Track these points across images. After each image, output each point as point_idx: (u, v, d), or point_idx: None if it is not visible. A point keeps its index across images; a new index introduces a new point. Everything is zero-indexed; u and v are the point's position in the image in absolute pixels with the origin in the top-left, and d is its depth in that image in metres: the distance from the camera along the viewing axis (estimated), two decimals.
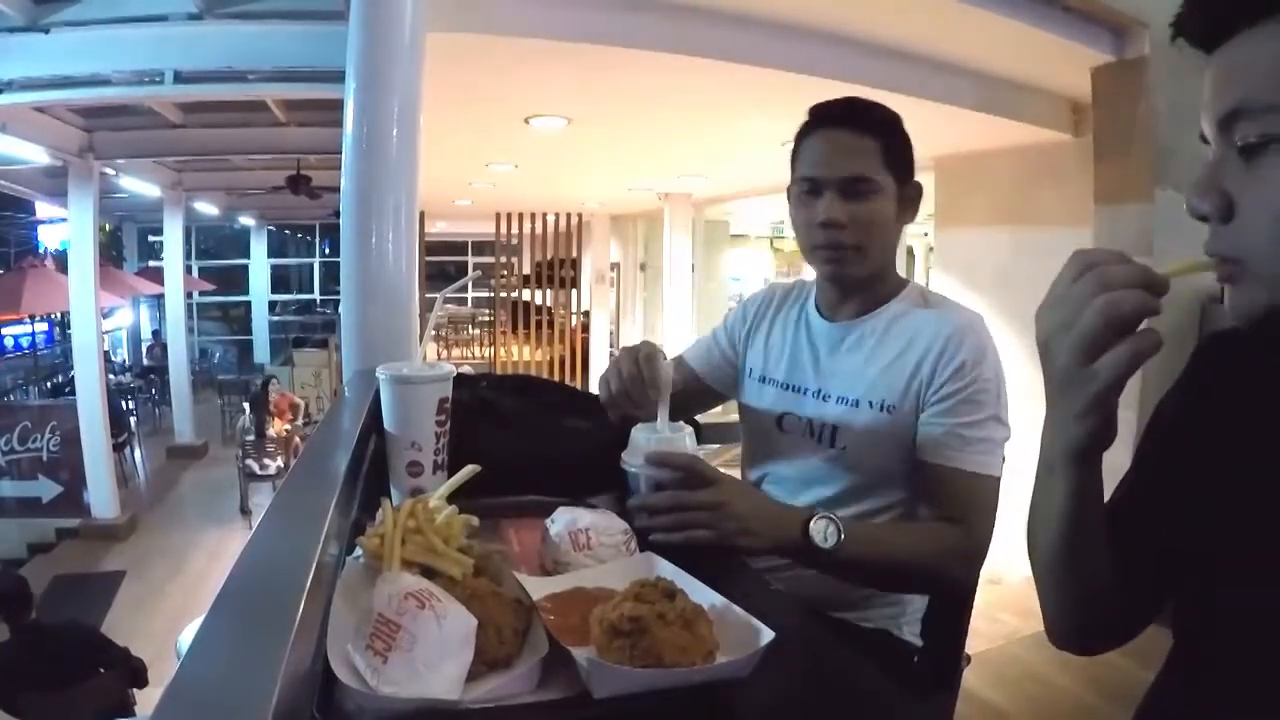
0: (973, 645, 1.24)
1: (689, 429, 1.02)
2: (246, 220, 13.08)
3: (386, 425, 0.96)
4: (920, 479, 1.08)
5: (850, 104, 1.12)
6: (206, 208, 10.48)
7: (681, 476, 0.92)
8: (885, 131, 1.11)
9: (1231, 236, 0.52)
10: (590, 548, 0.82)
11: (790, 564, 1.01)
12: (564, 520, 0.85)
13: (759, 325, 1.28)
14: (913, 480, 1.09)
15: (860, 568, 0.99)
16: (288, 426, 7.48)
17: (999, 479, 1.06)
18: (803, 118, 1.16)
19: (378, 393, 0.98)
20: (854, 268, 1.13)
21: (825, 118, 1.12)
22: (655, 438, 0.97)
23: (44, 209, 10.73)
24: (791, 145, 1.17)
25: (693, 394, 1.33)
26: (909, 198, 1.14)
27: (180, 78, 4.01)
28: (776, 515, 0.96)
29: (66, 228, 7.18)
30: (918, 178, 1.15)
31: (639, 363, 1.03)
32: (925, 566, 1.02)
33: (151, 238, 12.75)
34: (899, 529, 1.09)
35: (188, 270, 11.14)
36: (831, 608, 1.13)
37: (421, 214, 4.87)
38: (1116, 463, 0.65)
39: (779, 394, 1.21)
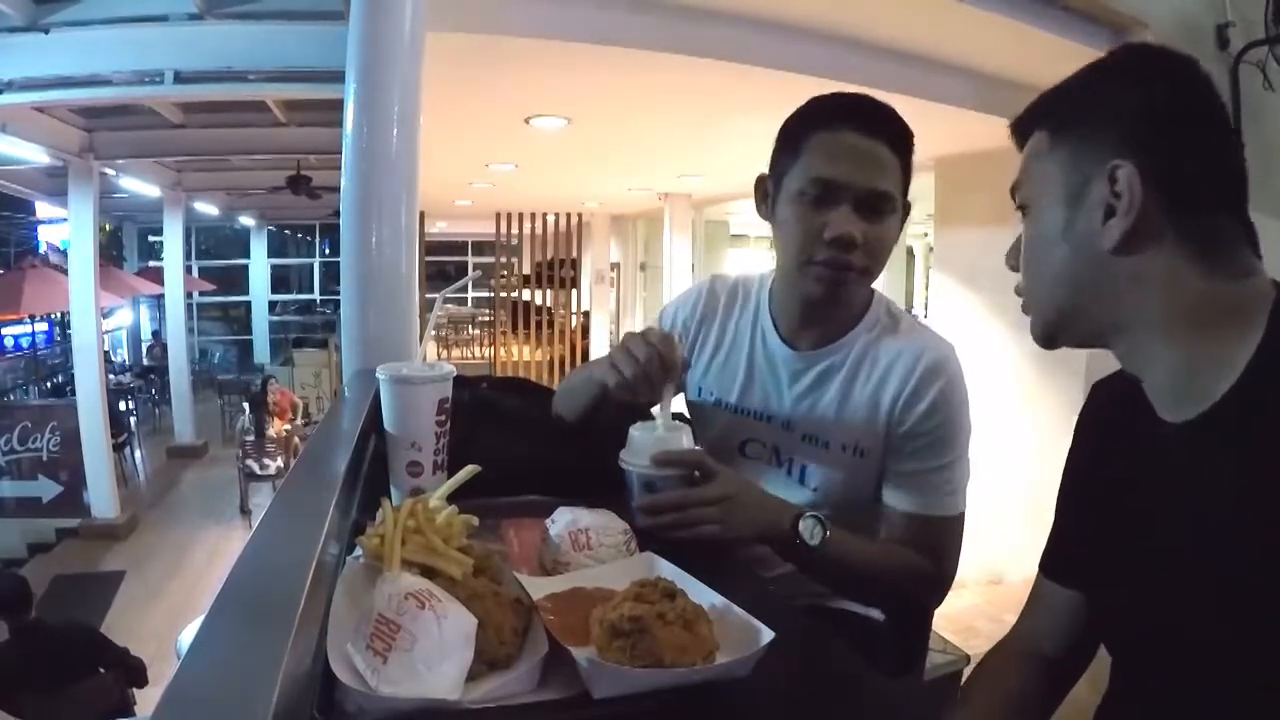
0: (973, 645, 1.24)
1: (687, 427, 1.01)
2: (246, 220, 13.07)
3: (386, 425, 0.96)
4: (888, 519, 1.06)
5: (877, 108, 1.00)
6: (206, 208, 10.48)
7: (686, 474, 0.92)
8: (906, 149, 1.01)
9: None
10: (590, 548, 0.82)
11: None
12: (564, 520, 0.85)
13: (705, 325, 1.18)
14: (879, 516, 1.08)
15: (835, 570, 0.99)
16: (287, 426, 7.47)
17: (964, 514, 1.06)
18: None
19: (378, 393, 0.98)
20: (851, 293, 1.04)
21: (851, 117, 0.98)
22: (654, 436, 0.97)
23: (44, 209, 10.71)
24: (790, 132, 1.03)
25: None
26: (905, 220, 1.07)
27: (180, 78, 4.02)
28: (774, 506, 0.97)
29: (66, 228, 7.17)
30: (917, 177, 1.13)
31: (658, 343, 0.94)
32: (895, 584, 1.04)
33: (151, 238, 12.74)
34: (878, 545, 1.06)
35: (188, 270, 11.14)
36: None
37: (421, 214, 4.87)
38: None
39: (737, 420, 1.13)
